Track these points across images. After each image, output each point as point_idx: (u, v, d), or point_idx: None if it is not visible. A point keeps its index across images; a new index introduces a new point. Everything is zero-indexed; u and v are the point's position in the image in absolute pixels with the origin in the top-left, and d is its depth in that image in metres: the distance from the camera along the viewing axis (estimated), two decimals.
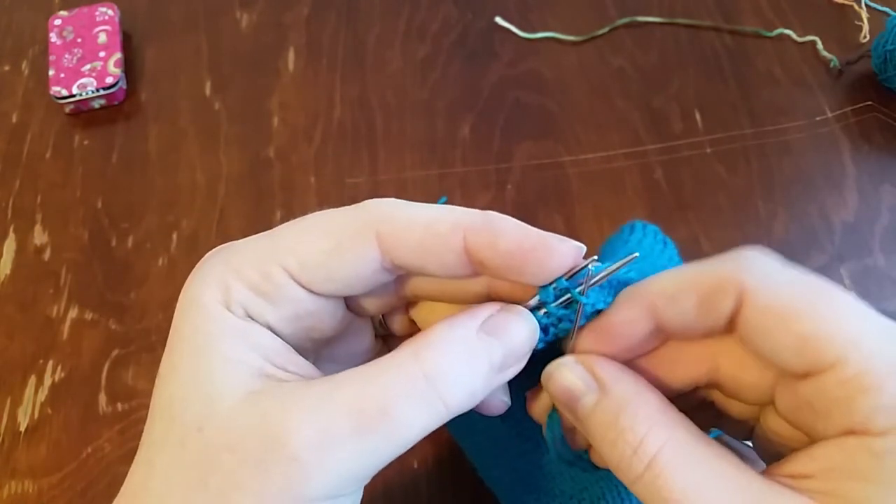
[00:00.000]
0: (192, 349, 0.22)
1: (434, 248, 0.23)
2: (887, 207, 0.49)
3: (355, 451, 0.20)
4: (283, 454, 0.20)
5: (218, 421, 0.21)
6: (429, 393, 0.21)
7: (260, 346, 0.22)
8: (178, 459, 0.21)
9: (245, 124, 0.55)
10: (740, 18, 0.58)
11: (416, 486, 0.41)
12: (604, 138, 0.53)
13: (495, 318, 0.23)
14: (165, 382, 0.22)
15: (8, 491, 0.42)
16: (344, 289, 0.24)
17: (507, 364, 0.23)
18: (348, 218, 0.23)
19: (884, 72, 0.52)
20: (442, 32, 0.59)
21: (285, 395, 0.21)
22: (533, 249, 0.22)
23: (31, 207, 0.52)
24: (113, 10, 0.58)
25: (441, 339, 0.22)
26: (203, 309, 0.22)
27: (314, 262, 0.23)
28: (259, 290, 0.23)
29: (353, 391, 0.21)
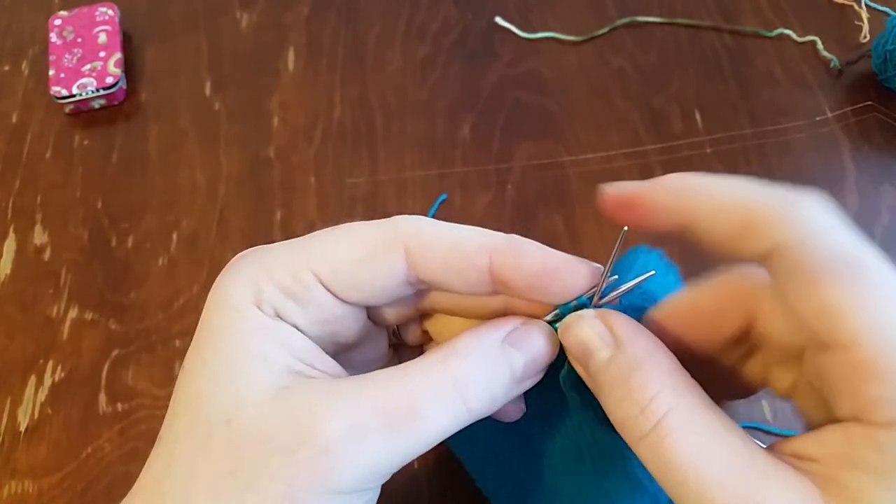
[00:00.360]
0: (221, 345, 0.23)
1: (460, 266, 0.24)
2: (887, 207, 0.49)
3: (383, 448, 0.21)
4: (314, 446, 0.21)
5: (247, 414, 0.21)
6: (454, 397, 0.22)
7: (289, 345, 0.23)
8: (203, 450, 0.21)
9: (245, 124, 0.55)
10: (740, 18, 0.58)
11: (416, 486, 0.41)
12: (604, 138, 0.53)
13: (518, 331, 0.24)
14: (192, 377, 0.23)
15: (8, 491, 0.42)
16: (369, 298, 0.25)
17: (527, 374, 0.24)
18: (379, 231, 0.24)
19: (884, 72, 0.52)
20: (442, 32, 0.59)
21: (316, 390, 0.22)
22: (556, 270, 0.24)
23: (31, 207, 0.52)
24: (113, 10, 0.58)
25: (468, 349, 0.23)
26: (234, 306, 0.23)
27: (344, 270, 0.24)
28: (289, 291, 0.23)
29: (383, 390, 0.22)
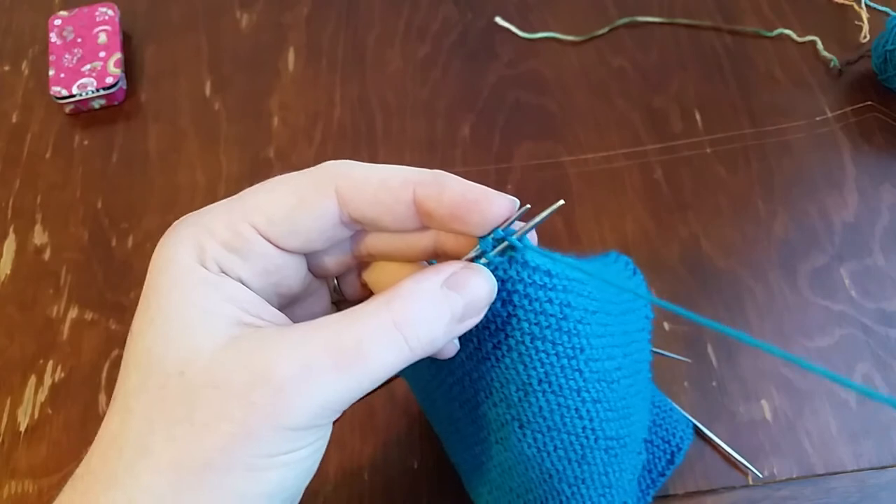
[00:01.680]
0: (169, 303, 0.23)
1: (387, 200, 0.25)
2: (887, 207, 0.49)
3: (333, 384, 0.22)
4: (268, 386, 0.22)
5: (201, 363, 0.22)
6: (397, 337, 0.23)
7: (235, 298, 0.24)
8: (158, 400, 0.22)
9: (245, 124, 0.55)
10: (740, 18, 0.58)
11: (416, 486, 0.41)
12: (604, 138, 0.53)
13: (458, 275, 0.25)
14: (141, 336, 0.24)
15: (8, 491, 0.42)
16: (307, 243, 0.26)
17: (466, 315, 0.25)
18: (309, 176, 0.25)
19: (884, 72, 0.52)
20: (442, 32, 0.59)
21: (267, 337, 0.23)
22: (475, 201, 0.25)
23: (31, 207, 0.52)
24: (113, 10, 0.58)
25: (409, 292, 0.24)
26: (178, 265, 0.24)
27: (280, 218, 0.25)
28: (231, 245, 0.24)
29: (331, 332, 0.23)
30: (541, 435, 0.28)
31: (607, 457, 0.29)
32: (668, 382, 0.43)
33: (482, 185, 0.25)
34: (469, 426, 0.32)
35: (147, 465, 0.22)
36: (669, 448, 0.39)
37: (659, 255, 0.48)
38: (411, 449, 0.41)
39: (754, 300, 0.46)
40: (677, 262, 0.48)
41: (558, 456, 0.29)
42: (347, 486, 0.41)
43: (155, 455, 0.22)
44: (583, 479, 0.29)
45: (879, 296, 0.46)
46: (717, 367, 0.44)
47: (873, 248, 0.48)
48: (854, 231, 0.48)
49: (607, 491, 0.30)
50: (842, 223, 0.49)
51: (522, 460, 0.30)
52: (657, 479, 0.38)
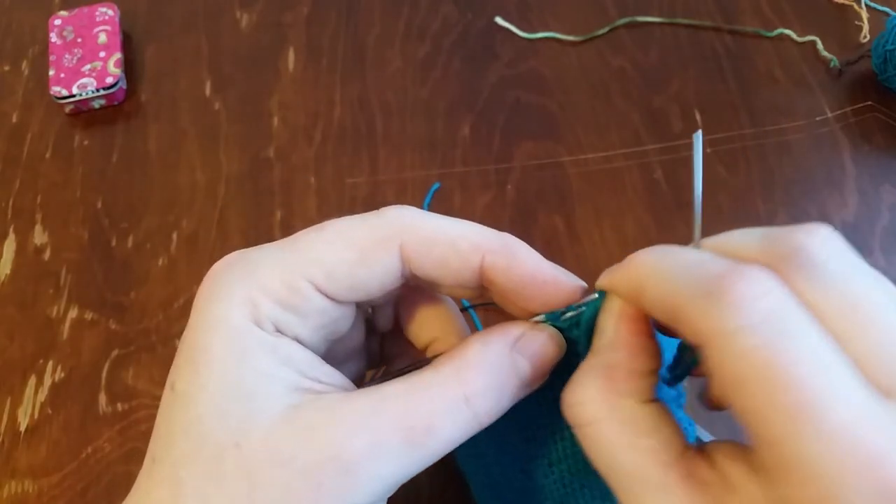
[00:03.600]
0: (223, 367, 0.22)
1: (454, 265, 0.24)
2: (887, 207, 0.49)
3: (401, 463, 0.22)
4: (337, 465, 0.21)
5: (259, 436, 0.21)
6: (468, 412, 0.22)
7: (292, 361, 0.23)
8: (214, 475, 0.21)
9: (245, 124, 0.55)
10: (740, 18, 0.58)
11: (416, 486, 0.41)
12: (604, 138, 0.53)
13: (527, 338, 0.24)
14: (190, 400, 0.22)
15: (8, 491, 0.42)
16: (364, 296, 0.25)
17: (535, 379, 0.24)
18: (371, 228, 0.24)
19: (884, 72, 0.52)
20: (442, 32, 0.59)
21: (330, 407, 0.22)
22: (543, 283, 0.24)
23: (31, 207, 0.52)
24: (113, 10, 0.58)
25: (478, 361, 0.23)
26: (232, 327, 0.22)
27: (340, 274, 0.23)
28: (287, 304, 0.23)
29: (401, 407, 0.22)
30: (569, 474, 0.28)
31: None
32: None
33: (552, 265, 0.24)
34: (490, 449, 0.31)
35: None
36: None
37: None
38: None
39: None
40: None
41: (583, 493, 0.28)
42: None
43: None
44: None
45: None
46: None
47: (873, 248, 0.47)
48: (854, 231, 0.48)
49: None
50: (842, 223, 0.49)
51: (545, 493, 0.29)
52: None
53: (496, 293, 0.25)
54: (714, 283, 0.18)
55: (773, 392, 0.17)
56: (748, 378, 0.17)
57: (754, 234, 0.20)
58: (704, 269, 0.19)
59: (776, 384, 0.17)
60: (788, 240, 0.19)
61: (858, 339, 0.18)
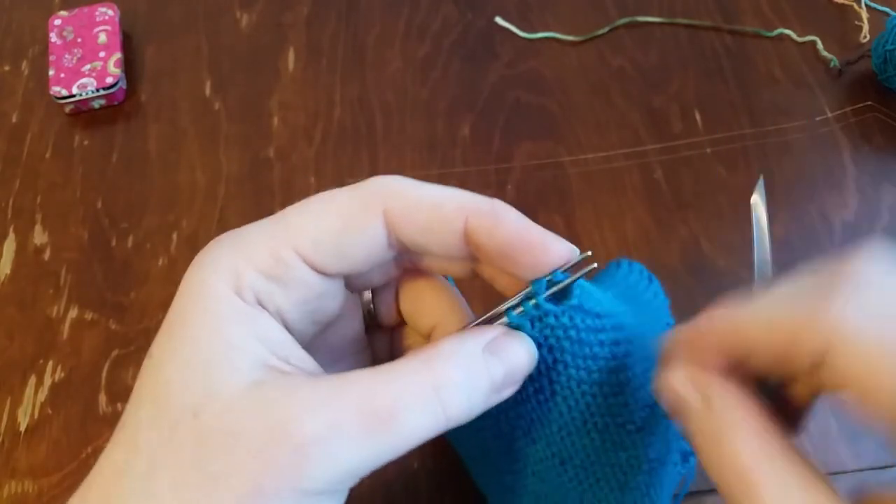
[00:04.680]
0: (195, 333, 0.22)
1: (438, 228, 0.24)
2: (887, 207, 0.49)
3: (359, 449, 0.21)
4: (289, 443, 0.20)
5: (218, 406, 0.21)
6: (434, 403, 0.22)
7: (266, 337, 0.22)
8: (167, 441, 0.21)
9: (245, 124, 0.55)
10: (740, 18, 0.58)
11: (416, 486, 0.41)
12: (604, 138, 0.53)
13: (500, 340, 0.24)
14: (161, 364, 0.22)
15: (8, 491, 0.42)
16: (351, 267, 0.24)
17: (505, 384, 0.24)
18: (355, 196, 0.24)
19: (884, 72, 0.52)
20: (442, 32, 0.59)
21: (292, 387, 0.21)
22: (530, 244, 0.23)
23: (31, 207, 0.52)
24: (113, 10, 0.58)
25: (451, 353, 0.22)
26: (212, 293, 0.22)
27: (326, 242, 0.23)
28: (271, 273, 0.23)
29: (363, 390, 0.21)
30: (582, 470, 0.28)
31: (649, 478, 0.29)
32: None
33: (541, 228, 0.24)
34: (501, 456, 0.31)
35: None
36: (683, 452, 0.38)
37: (659, 255, 0.48)
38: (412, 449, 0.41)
39: None
40: (677, 262, 0.48)
41: (600, 486, 0.28)
42: None
43: (157, 502, 0.20)
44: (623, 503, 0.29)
45: None
46: None
47: None
48: (854, 231, 0.48)
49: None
50: (842, 223, 0.49)
51: (561, 491, 0.29)
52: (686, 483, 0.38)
53: (483, 260, 0.24)
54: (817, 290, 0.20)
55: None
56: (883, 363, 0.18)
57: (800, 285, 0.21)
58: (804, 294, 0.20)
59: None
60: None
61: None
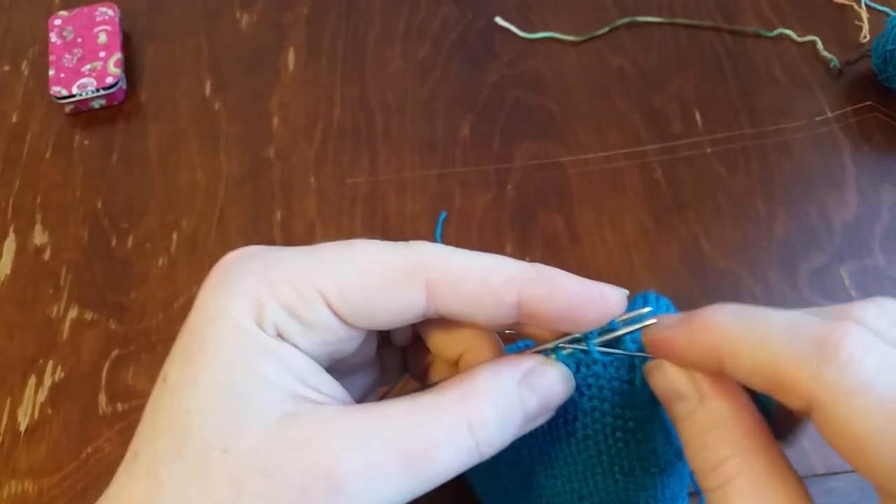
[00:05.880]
0: (219, 364, 0.21)
1: (488, 301, 0.23)
2: (887, 207, 0.49)
3: (396, 486, 0.21)
4: (327, 483, 0.20)
5: (248, 442, 0.20)
6: (468, 440, 0.21)
7: (292, 367, 0.22)
8: (196, 479, 0.20)
9: (245, 124, 0.55)
10: (740, 18, 0.58)
11: None
12: (604, 138, 0.53)
13: (536, 372, 0.23)
14: (180, 392, 0.21)
15: (8, 491, 0.42)
16: (376, 325, 0.23)
17: (539, 415, 0.24)
18: (398, 258, 0.23)
19: (884, 72, 0.52)
20: (442, 32, 0.59)
21: (326, 421, 0.21)
22: (590, 301, 0.23)
23: (31, 207, 0.52)
24: (113, 10, 0.58)
25: (486, 389, 0.22)
26: (233, 323, 0.21)
27: (356, 296, 0.22)
28: (293, 311, 0.22)
29: (399, 428, 0.21)
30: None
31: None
32: None
33: (591, 282, 0.23)
34: (515, 484, 0.31)
35: None
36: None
37: (659, 255, 0.48)
38: None
39: (754, 300, 0.46)
40: (677, 262, 0.48)
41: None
42: None
43: None
44: None
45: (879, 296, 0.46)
46: None
47: (873, 248, 0.47)
48: (854, 231, 0.48)
49: None
50: (842, 223, 0.49)
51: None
52: None
53: (538, 325, 0.24)
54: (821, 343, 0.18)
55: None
56: (875, 435, 0.17)
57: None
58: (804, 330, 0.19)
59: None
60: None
61: None
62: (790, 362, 0.19)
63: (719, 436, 0.21)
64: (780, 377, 0.19)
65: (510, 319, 0.23)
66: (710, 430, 0.22)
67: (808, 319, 0.20)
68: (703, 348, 0.21)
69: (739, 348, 0.20)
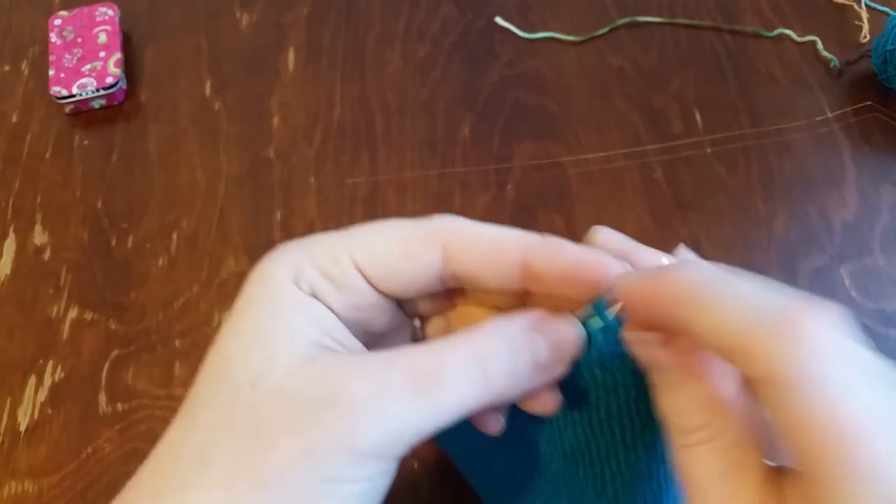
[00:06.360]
0: (256, 316, 0.23)
1: (495, 260, 0.25)
2: (887, 207, 0.49)
3: (408, 410, 0.22)
4: (340, 404, 0.21)
5: (273, 378, 0.22)
6: (476, 369, 0.23)
7: (321, 322, 0.24)
8: (225, 413, 0.22)
9: (245, 124, 0.55)
10: (740, 18, 0.58)
11: (416, 486, 0.41)
12: (604, 138, 0.53)
13: (545, 320, 0.25)
14: (223, 346, 0.23)
15: (8, 491, 0.42)
16: (403, 290, 0.26)
17: (551, 362, 0.24)
18: (419, 227, 0.26)
19: (884, 72, 0.52)
20: (442, 32, 0.59)
21: (345, 359, 0.23)
22: (589, 265, 0.24)
23: (31, 207, 0.52)
24: (113, 10, 0.58)
25: (493, 328, 0.24)
26: (272, 281, 0.24)
27: (383, 261, 0.25)
28: (328, 273, 0.24)
29: (411, 358, 0.23)
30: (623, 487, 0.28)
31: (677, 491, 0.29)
32: None
33: (596, 250, 0.25)
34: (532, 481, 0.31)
35: (201, 481, 0.21)
36: None
37: None
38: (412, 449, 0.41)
39: None
40: None
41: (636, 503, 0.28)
42: None
43: (211, 470, 0.21)
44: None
45: (879, 296, 0.46)
46: None
47: (873, 248, 0.48)
48: (854, 231, 0.48)
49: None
50: (842, 223, 0.49)
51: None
52: None
53: (538, 290, 0.25)
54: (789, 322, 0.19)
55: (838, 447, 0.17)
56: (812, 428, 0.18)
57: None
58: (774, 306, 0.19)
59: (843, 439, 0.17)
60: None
61: None
62: (753, 335, 0.19)
63: (694, 406, 0.22)
64: (740, 347, 0.19)
65: (515, 281, 0.25)
66: (685, 401, 0.22)
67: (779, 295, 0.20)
68: (669, 305, 0.22)
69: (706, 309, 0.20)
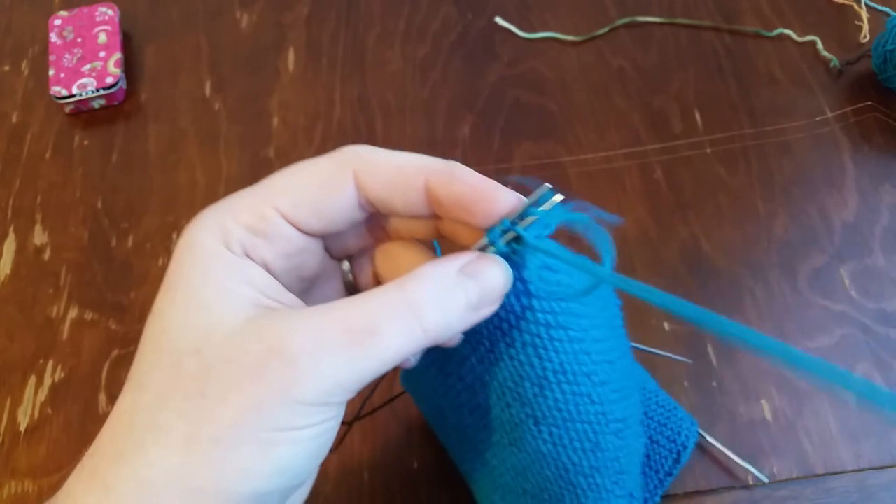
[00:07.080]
0: (189, 283, 0.24)
1: (400, 185, 0.26)
2: (887, 207, 0.49)
3: (346, 361, 0.22)
4: (280, 359, 0.22)
5: (216, 340, 0.23)
6: (410, 318, 0.23)
7: (255, 282, 0.25)
8: (172, 377, 0.23)
9: (245, 124, 0.55)
10: (740, 18, 0.58)
11: (415, 486, 0.41)
12: (604, 138, 0.53)
13: (474, 263, 0.25)
14: (159, 315, 0.24)
15: (8, 491, 0.42)
16: (328, 225, 0.27)
17: (482, 304, 0.25)
18: (330, 160, 0.27)
19: (884, 72, 0.52)
20: (442, 32, 0.59)
21: (282, 316, 0.24)
22: (482, 192, 0.26)
23: (31, 207, 0.52)
24: (113, 10, 0.58)
25: (424, 275, 0.24)
26: (202, 248, 0.24)
27: (304, 201, 0.26)
28: (255, 228, 0.25)
29: (344, 311, 0.23)
30: (556, 428, 0.28)
31: (617, 440, 0.29)
32: (668, 383, 0.43)
33: (492, 180, 0.26)
34: (480, 432, 0.32)
35: (156, 440, 0.22)
36: (675, 447, 0.39)
37: (659, 255, 0.48)
38: (411, 449, 0.41)
39: (754, 300, 0.46)
40: (677, 262, 0.48)
41: (574, 447, 0.29)
42: (347, 485, 0.41)
43: (164, 430, 0.22)
44: (597, 468, 0.29)
45: (879, 296, 0.46)
46: (716, 368, 0.44)
47: (873, 248, 0.48)
48: (854, 231, 0.48)
49: (620, 478, 0.30)
50: (842, 223, 0.49)
51: (538, 458, 0.30)
52: (665, 479, 0.38)
53: (443, 215, 0.27)
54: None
55: None
56: None
57: None
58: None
59: None
60: None
61: None
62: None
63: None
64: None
65: (422, 207, 0.26)
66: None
67: None
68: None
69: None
